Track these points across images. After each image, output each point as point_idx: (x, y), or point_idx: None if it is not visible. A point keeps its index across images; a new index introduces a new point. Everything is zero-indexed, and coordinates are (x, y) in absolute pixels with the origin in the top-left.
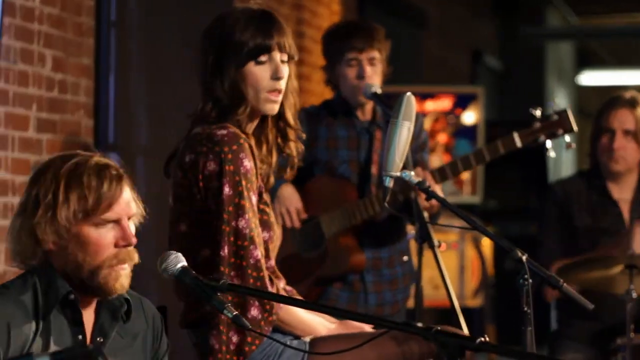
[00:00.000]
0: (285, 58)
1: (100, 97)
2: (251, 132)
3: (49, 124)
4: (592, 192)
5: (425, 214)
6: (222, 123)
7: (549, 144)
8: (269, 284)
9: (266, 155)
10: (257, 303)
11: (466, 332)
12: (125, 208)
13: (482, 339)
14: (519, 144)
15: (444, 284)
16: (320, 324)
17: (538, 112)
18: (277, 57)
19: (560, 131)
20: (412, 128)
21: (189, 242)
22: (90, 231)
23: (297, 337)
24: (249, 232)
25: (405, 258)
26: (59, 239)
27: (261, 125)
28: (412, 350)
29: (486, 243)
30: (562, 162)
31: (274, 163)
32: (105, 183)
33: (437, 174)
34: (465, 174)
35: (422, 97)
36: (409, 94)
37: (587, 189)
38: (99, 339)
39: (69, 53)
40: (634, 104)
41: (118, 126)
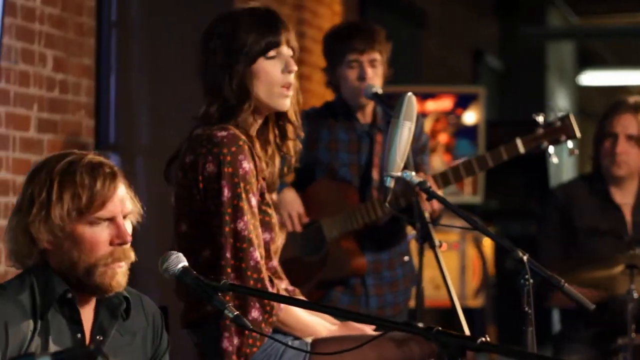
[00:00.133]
0: (291, 53)
1: (101, 97)
2: (254, 133)
3: (50, 124)
4: (595, 196)
5: (426, 215)
6: (224, 124)
7: (551, 150)
8: (269, 285)
9: (271, 156)
10: (257, 305)
11: (467, 332)
12: (119, 206)
13: (483, 339)
14: (521, 150)
15: (445, 284)
16: (321, 325)
17: (541, 118)
18: (286, 51)
19: (563, 137)
20: (413, 128)
21: (190, 243)
22: (84, 230)
23: (298, 338)
24: (248, 234)
25: (406, 258)
26: (53, 238)
27: (264, 127)
28: (412, 351)
29: (487, 243)
30: (564, 166)
31: (279, 163)
32: (99, 181)
33: (440, 178)
34: None
35: (423, 97)
36: (410, 94)
37: (589, 192)
38: (98, 338)
39: (70, 53)
40: (637, 109)
41: (119, 126)
